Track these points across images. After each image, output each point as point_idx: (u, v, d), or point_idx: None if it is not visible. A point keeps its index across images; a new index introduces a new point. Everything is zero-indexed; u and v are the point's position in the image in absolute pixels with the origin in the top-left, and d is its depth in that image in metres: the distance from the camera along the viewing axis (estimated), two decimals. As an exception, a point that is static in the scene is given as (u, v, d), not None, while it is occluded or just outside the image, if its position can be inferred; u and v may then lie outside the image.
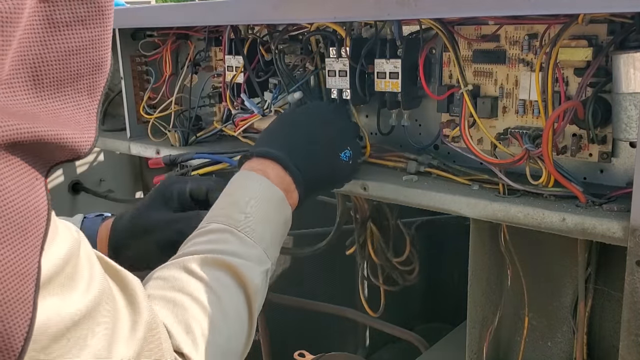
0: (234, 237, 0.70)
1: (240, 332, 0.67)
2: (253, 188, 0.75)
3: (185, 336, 0.59)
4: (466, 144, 0.85)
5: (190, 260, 0.66)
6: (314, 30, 0.96)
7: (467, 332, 0.94)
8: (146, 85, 1.30)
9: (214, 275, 0.65)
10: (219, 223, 0.71)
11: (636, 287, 0.67)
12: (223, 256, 0.67)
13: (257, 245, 0.71)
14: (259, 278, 0.69)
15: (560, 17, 0.74)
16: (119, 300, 0.51)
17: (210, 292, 0.64)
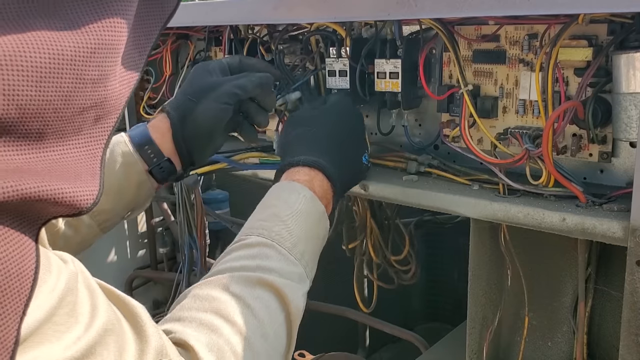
0: (276, 253, 0.67)
1: (279, 355, 0.64)
2: (297, 201, 0.72)
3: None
4: (466, 144, 0.85)
5: (230, 279, 0.63)
6: (314, 30, 0.96)
7: (467, 332, 0.94)
8: (146, 85, 1.30)
9: (255, 295, 0.62)
10: (260, 236, 0.68)
11: (636, 287, 0.67)
12: (266, 275, 0.64)
13: (298, 263, 0.68)
14: (301, 300, 0.67)
15: (560, 17, 0.74)
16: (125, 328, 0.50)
17: (251, 315, 0.61)
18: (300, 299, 0.67)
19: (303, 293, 0.68)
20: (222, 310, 0.60)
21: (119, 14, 0.44)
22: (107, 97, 0.45)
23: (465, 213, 0.82)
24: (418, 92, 0.92)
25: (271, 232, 0.68)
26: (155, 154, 0.85)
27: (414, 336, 1.39)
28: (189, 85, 0.88)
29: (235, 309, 0.60)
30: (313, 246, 0.72)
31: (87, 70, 0.42)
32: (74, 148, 0.44)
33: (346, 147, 0.82)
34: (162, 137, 0.85)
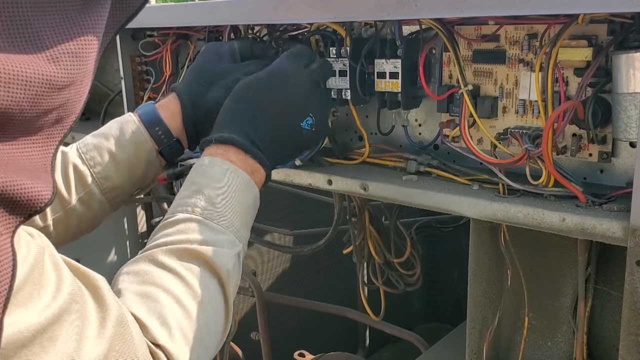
0: (201, 226, 0.69)
1: (218, 319, 0.67)
2: (218, 174, 0.74)
3: (161, 328, 0.60)
4: (466, 144, 0.85)
5: (158, 253, 0.66)
6: (314, 30, 0.96)
7: (467, 332, 0.94)
8: (146, 85, 1.30)
9: (184, 266, 0.65)
10: (185, 213, 0.70)
11: (636, 287, 0.67)
12: (192, 245, 0.67)
13: (227, 231, 0.71)
14: (231, 262, 0.69)
15: (560, 17, 0.74)
16: (87, 300, 0.52)
17: (183, 283, 0.64)
18: (230, 261, 0.69)
19: (234, 254, 0.70)
20: (156, 281, 0.63)
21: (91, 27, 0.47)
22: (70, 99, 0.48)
23: (465, 213, 0.82)
24: (418, 92, 0.92)
25: (195, 208, 0.71)
26: (165, 134, 0.88)
27: (414, 336, 1.39)
28: (199, 69, 0.90)
29: (167, 279, 0.64)
30: (242, 213, 0.74)
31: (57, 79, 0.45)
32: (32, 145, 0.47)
33: (274, 115, 0.81)
34: (172, 117, 0.88)
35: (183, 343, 0.61)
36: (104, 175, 0.87)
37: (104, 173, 0.87)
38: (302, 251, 1.36)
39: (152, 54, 1.25)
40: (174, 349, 0.59)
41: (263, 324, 1.48)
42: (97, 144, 0.88)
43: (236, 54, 0.93)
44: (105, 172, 0.87)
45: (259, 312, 1.47)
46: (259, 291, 1.46)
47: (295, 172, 0.99)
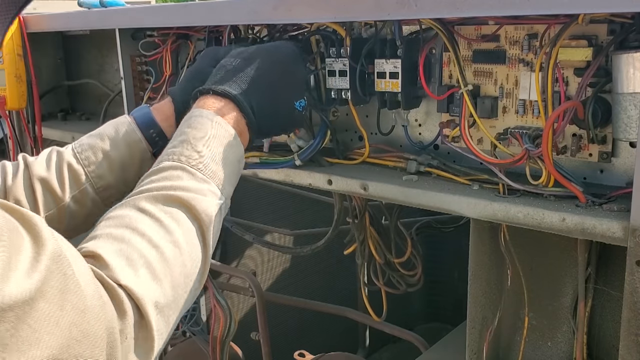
0: (185, 173, 0.70)
1: (194, 262, 0.67)
2: (207, 126, 0.75)
3: (127, 268, 0.59)
4: (466, 144, 0.85)
5: (140, 199, 0.67)
6: (314, 30, 0.96)
7: (467, 332, 0.94)
8: (146, 85, 1.30)
9: (164, 210, 0.66)
10: (171, 161, 0.72)
11: (636, 287, 0.67)
12: (175, 192, 0.67)
13: (210, 181, 0.71)
14: (213, 210, 0.69)
15: (560, 17, 0.74)
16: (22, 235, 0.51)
17: (159, 226, 0.64)
18: (211, 208, 0.69)
19: (215, 204, 0.70)
20: (131, 224, 0.64)
21: None
22: None
23: (465, 213, 0.82)
24: (418, 92, 0.92)
25: (181, 156, 0.72)
26: (159, 136, 0.89)
27: (414, 336, 1.39)
28: (195, 72, 0.91)
29: (144, 222, 0.64)
30: (226, 168, 0.74)
31: None
32: None
33: (274, 86, 0.83)
34: (166, 120, 0.90)
35: (151, 283, 0.61)
36: (97, 174, 0.88)
37: (97, 172, 0.88)
38: (302, 251, 1.36)
39: (152, 54, 1.25)
40: (138, 287, 0.59)
41: (263, 324, 1.48)
42: (92, 144, 0.89)
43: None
44: (99, 171, 0.88)
45: (259, 312, 1.47)
46: (259, 291, 1.46)
47: (295, 172, 0.99)
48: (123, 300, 0.57)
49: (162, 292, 0.61)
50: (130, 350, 0.58)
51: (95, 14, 1.31)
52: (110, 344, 0.55)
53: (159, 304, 0.61)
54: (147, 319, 0.59)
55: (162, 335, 0.61)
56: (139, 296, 0.59)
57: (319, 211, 1.79)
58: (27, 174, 0.87)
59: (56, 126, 1.53)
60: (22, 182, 0.86)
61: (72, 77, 1.66)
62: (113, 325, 0.56)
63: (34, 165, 0.88)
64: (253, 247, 1.95)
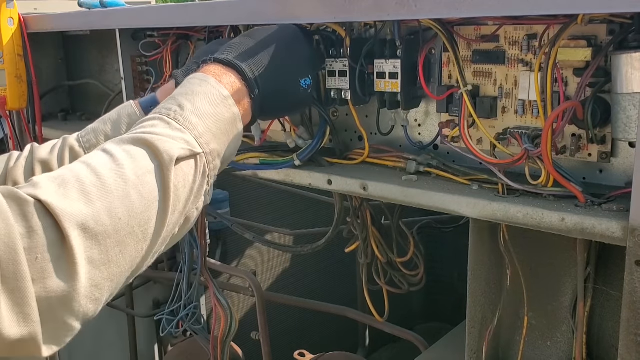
0: (161, 122, 0.70)
1: (147, 201, 0.63)
2: (194, 84, 0.75)
3: (55, 188, 0.57)
4: (466, 144, 0.85)
5: (109, 142, 0.67)
6: (314, 30, 0.96)
7: (467, 331, 0.94)
8: (146, 85, 1.30)
9: (124, 148, 0.65)
10: (152, 114, 0.72)
11: (635, 286, 0.67)
12: (143, 134, 0.67)
13: (186, 131, 0.70)
14: (178, 152, 0.67)
15: (559, 17, 0.74)
16: None
17: (111, 160, 0.63)
18: (174, 149, 0.66)
19: (182, 148, 0.68)
20: (85, 158, 0.64)
21: None
22: None
23: (464, 213, 0.82)
24: (417, 92, 0.92)
25: (162, 109, 0.72)
26: None
27: (413, 336, 1.39)
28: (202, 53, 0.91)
29: (97, 157, 0.64)
30: (212, 123, 0.73)
31: None
32: None
33: (280, 62, 0.83)
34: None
35: (80, 203, 0.57)
36: None
37: None
38: (302, 250, 1.36)
39: (152, 55, 1.25)
40: (59, 204, 0.55)
41: (263, 323, 1.48)
42: (95, 128, 0.91)
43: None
44: None
45: (259, 312, 1.47)
46: (259, 291, 1.46)
47: (295, 172, 0.99)
48: (32, 216, 0.54)
49: (93, 215, 0.57)
50: (47, 273, 0.54)
51: (95, 14, 1.31)
52: (11, 261, 0.52)
53: (87, 227, 0.56)
54: (67, 239, 0.55)
55: (96, 264, 0.57)
56: (58, 212, 0.55)
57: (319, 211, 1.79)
58: (30, 158, 0.88)
59: (56, 126, 1.53)
60: (23, 164, 0.87)
61: (72, 78, 1.66)
62: (14, 242, 0.52)
63: (38, 149, 0.89)
64: (253, 247, 1.95)
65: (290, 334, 1.91)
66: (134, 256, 0.62)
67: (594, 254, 0.83)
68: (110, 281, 0.59)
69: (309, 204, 1.74)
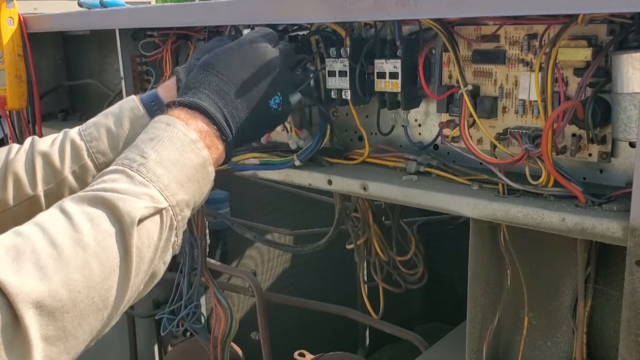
0: (124, 176, 0.66)
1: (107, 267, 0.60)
2: (159, 129, 0.71)
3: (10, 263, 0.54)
4: (466, 144, 0.85)
5: (68, 199, 0.63)
6: (314, 30, 0.96)
7: (467, 331, 0.94)
8: (146, 85, 1.30)
9: (81, 209, 0.61)
10: (115, 165, 0.68)
11: (636, 287, 0.67)
12: (103, 193, 0.63)
13: (150, 185, 0.66)
14: (140, 212, 0.63)
15: (560, 17, 0.74)
16: None
17: (68, 225, 0.59)
18: (136, 210, 0.63)
19: (145, 206, 0.64)
20: (41, 222, 0.59)
21: None
22: None
23: (464, 213, 0.82)
24: (418, 92, 0.92)
25: (124, 160, 0.68)
26: (159, 107, 0.87)
27: (413, 336, 1.39)
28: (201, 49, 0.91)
29: (54, 220, 0.60)
30: (179, 172, 0.69)
31: None
32: None
33: (244, 90, 0.79)
34: (169, 92, 0.89)
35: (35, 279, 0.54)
36: (99, 150, 0.87)
37: (99, 148, 0.87)
38: (302, 251, 1.36)
39: (152, 54, 1.25)
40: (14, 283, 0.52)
41: (263, 323, 1.48)
42: (97, 121, 0.90)
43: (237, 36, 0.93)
44: (101, 147, 0.87)
45: (259, 312, 1.47)
46: (259, 291, 1.46)
47: (295, 172, 0.99)
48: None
49: (49, 291, 0.54)
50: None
51: (95, 14, 1.31)
52: None
53: (43, 304, 0.54)
54: (20, 320, 0.52)
55: (52, 340, 0.55)
56: (12, 292, 0.52)
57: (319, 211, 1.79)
58: (31, 150, 0.87)
59: (56, 126, 1.53)
60: (24, 156, 0.86)
61: (72, 77, 1.66)
62: None
63: (39, 142, 0.89)
64: (253, 247, 1.95)
65: (290, 334, 1.90)
66: (94, 325, 0.59)
67: (594, 254, 0.83)
68: (67, 354, 0.57)
69: (309, 204, 1.74)
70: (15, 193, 0.85)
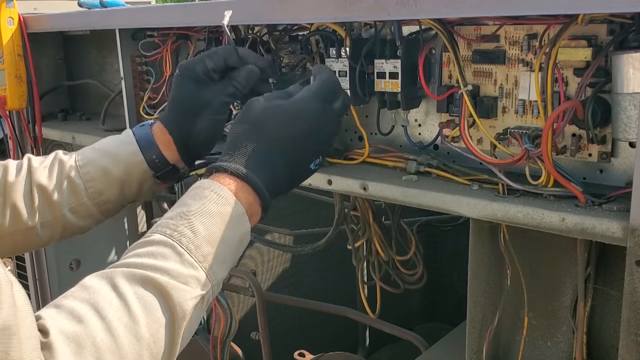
0: (174, 253, 0.65)
1: (157, 357, 0.61)
2: (212, 200, 0.69)
3: (71, 355, 0.55)
4: (466, 144, 0.85)
5: (118, 274, 0.62)
6: (314, 30, 0.96)
7: (467, 332, 0.94)
8: (146, 85, 1.30)
9: (138, 293, 0.61)
10: (163, 235, 0.66)
11: (636, 287, 0.67)
12: (155, 274, 0.62)
13: (199, 266, 0.66)
14: (191, 303, 0.64)
15: (560, 17, 0.74)
16: None
17: (126, 313, 0.60)
18: (188, 302, 0.63)
19: (198, 296, 0.65)
20: (98, 304, 0.59)
21: None
22: None
23: (465, 213, 0.82)
24: (418, 92, 0.92)
25: (174, 232, 0.66)
26: (160, 160, 0.90)
27: (413, 336, 1.39)
28: (180, 101, 0.90)
29: (112, 304, 0.60)
30: (223, 249, 0.68)
31: None
32: None
33: (291, 159, 0.76)
34: (168, 147, 0.90)
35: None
36: (97, 190, 0.89)
37: (97, 187, 0.89)
38: (302, 250, 1.36)
39: (152, 54, 1.25)
40: None
41: (263, 324, 1.48)
42: (94, 159, 0.90)
43: (211, 73, 0.89)
44: (99, 187, 0.89)
45: (259, 312, 1.47)
46: (259, 291, 1.46)
47: (295, 172, 0.99)
48: None
49: None
50: None
51: (95, 14, 1.31)
52: None
53: None
54: None
55: None
56: None
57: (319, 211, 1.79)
58: (29, 179, 0.88)
59: (56, 126, 1.53)
60: (22, 186, 0.87)
61: (72, 77, 1.66)
62: None
63: (37, 171, 0.88)
64: (253, 247, 1.95)
65: (290, 334, 1.90)
66: None
67: (594, 254, 0.83)
68: None
69: (309, 204, 1.74)
70: (12, 221, 0.87)
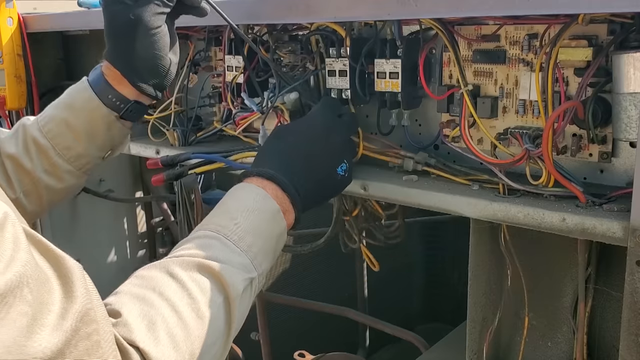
0: (220, 244, 0.70)
1: (216, 335, 0.65)
2: (248, 198, 0.75)
3: (146, 332, 0.58)
4: (466, 144, 0.85)
5: (172, 263, 0.66)
6: (314, 30, 0.96)
7: (467, 332, 0.94)
8: (146, 85, 1.29)
9: (192, 277, 0.65)
10: (207, 230, 0.71)
11: (636, 287, 0.67)
12: (207, 260, 0.67)
13: (244, 254, 0.71)
14: (242, 284, 0.68)
15: (560, 17, 0.74)
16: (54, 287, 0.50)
17: (185, 293, 0.63)
18: (240, 283, 0.68)
19: (245, 279, 0.69)
20: (158, 287, 0.63)
21: None
22: None
23: (465, 213, 0.82)
24: (418, 92, 0.92)
25: (218, 226, 0.71)
26: (119, 99, 0.88)
27: (414, 336, 1.39)
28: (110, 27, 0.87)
29: (171, 287, 0.63)
30: (264, 242, 0.74)
31: None
32: None
33: (312, 160, 0.83)
34: (118, 82, 0.88)
35: (171, 350, 0.59)
36: (65, 146, 0.88)
37: (64, 143, 0.88)
38: (302, 251, 1.36)
39: (152, 54, 1.25)
40: (156, 353, 0.57)
41: (263, 324, 1.48)
42: (54, 115, 0.90)
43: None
44: (65, 143, 0.88)
45: (259, 312, 1.47)
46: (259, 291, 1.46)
47: (295, 172, 0.99)
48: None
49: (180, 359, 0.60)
50: None
51: (95, 14, 1.30)
52: None
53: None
54: None
55: None
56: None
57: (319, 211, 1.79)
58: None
59: (56, 126, 1.53)
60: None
61: (72, 77, 1.66)
62: None
63: (3, 142, 0.89)
64: (253, 247, 1.95)
65: (290, 334, 1.90)
66: None
67: (595, 254, 0.83)
68: None
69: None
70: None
